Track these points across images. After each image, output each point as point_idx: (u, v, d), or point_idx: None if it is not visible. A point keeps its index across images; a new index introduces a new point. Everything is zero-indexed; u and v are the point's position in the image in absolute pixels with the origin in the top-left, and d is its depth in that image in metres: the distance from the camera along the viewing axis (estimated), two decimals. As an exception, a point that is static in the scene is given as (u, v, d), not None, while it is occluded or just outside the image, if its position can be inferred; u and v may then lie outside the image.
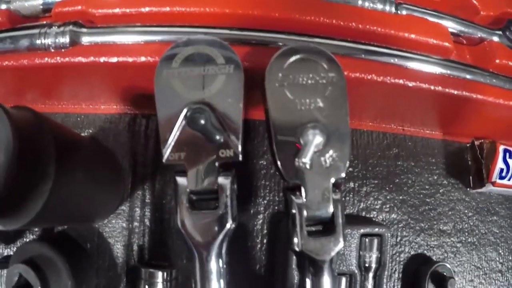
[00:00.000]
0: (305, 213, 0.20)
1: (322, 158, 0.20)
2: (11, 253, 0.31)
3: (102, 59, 0.24)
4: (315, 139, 0.19)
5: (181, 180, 0.20)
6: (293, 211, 0.20)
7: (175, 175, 0.20)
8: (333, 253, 0.20)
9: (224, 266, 0.20)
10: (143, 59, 0.23)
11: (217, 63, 0.20)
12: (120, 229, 0.28)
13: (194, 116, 0.19)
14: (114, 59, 0.24)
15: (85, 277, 0.27)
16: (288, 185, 0.20)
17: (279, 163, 0.20)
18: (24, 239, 0.30)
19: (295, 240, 0.20)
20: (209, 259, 0.19)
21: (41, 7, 0.30)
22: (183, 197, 0.20)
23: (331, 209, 0.20)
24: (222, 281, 0.20)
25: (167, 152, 0.20)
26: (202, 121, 0.19)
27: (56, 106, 0.32)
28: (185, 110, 0.20)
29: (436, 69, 0.27)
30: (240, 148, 0.19)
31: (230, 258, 0.20)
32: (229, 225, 0.19)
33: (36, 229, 0.30)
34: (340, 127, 0.20)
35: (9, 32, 0.28)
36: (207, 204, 0.20)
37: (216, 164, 0.19)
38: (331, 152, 0.20)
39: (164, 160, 0.20)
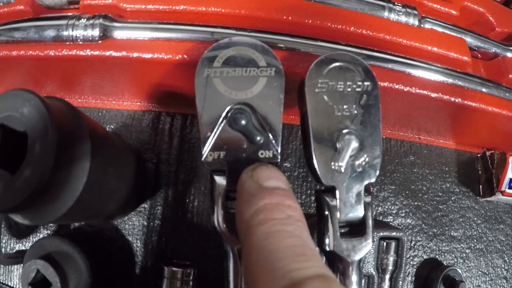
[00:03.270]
0: (338, 214, 0.21)
1: (357, 163, 0.21)
2: (23, 247, 0.31)
3: (135, 54, 0.25)
4: (351, 145, 0.20)
5: (219, 180, 0.21)
6: (326, 212, 0.21)
7: (212, 174, 0.21)
8: (363, 254, 0.21)
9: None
10: (179, 57, 0.24)
11: (258, 66, 0.21)
12: (140, 227, 0.28)
13: (235, 116, 0.20)
14: (148, 55, 0.24)
15: (103, 274, 0.28)
16: (322, 187, 0.21)
17: (316, 166, 0.21)
18: (38, 234, 0.30)
19: (327, 240, 0.21)
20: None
21: (66, -2, 0.30)
22: (220, 196, 0.20)
23: (362, 211, 0.21)
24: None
25: (206, 150, 0.20)
26: (244, 122, 0.20)
27: (76, 100, 0.32)
28: (226, 110, 0.20)
29: (455, 81, 0.29)
30: (279, 150, 0.20)
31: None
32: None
33: (52, 224, 0.30)
34: (373, 134, 0.21)
35: (34, 22, 0.28)
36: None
37: (255, 164, 0.20)
38: (364, 157, 0.21)
39: (203, 159, 0.20)
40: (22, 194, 0.17)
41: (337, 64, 0.21)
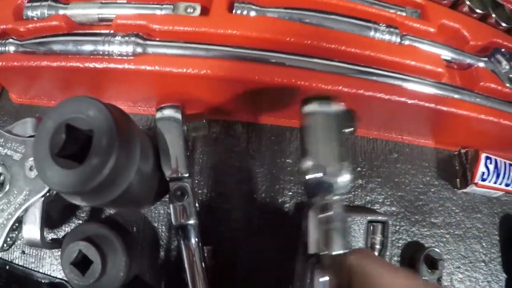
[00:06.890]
0: None
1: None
2: (55, 236, 0.38)
3: (167, 69, 0.33)
4: None
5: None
6: None
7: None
8: None
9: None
10: (203, 71, 0.32)
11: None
12: (165, 215, 0.36)
13: None
14: (178, 70, 0.32)
15: (134, 256, 0.35)
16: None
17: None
18: (69, 224, 0.38)
19: None
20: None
21: (98, 16, 0.38)
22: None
23: None
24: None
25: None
26: None
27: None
28: None
29: (431, 90, 0.37)
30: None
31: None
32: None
33: (83, 214, 0.38)
34: None
35: (73, 36, 0.36)
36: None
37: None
38: None
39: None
40: (95, 179, 0.24)
41: None
